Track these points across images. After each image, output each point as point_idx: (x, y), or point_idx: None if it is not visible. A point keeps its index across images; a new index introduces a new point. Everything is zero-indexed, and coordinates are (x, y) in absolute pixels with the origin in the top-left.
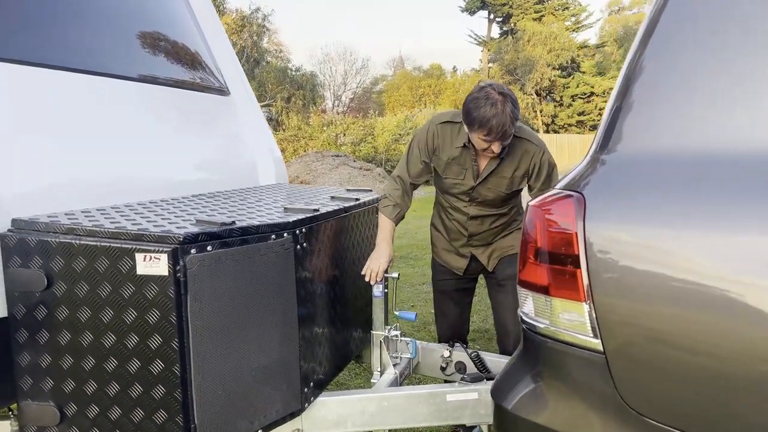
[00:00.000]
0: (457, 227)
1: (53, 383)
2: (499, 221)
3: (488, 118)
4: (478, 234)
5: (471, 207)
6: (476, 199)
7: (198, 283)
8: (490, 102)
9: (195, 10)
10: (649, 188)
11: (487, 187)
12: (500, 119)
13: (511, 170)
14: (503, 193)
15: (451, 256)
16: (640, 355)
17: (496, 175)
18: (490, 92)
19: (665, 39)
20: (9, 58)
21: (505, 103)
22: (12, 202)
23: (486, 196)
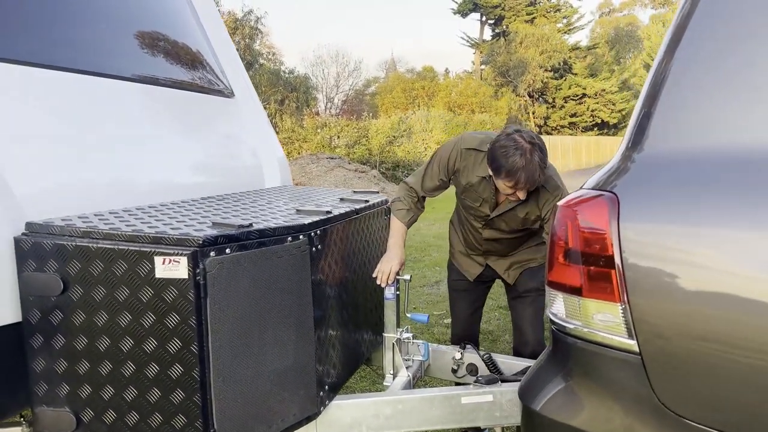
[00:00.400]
0: (473, 241)
1: (69, 389)
2: (515, 242)
3: (517, 169)
4: (493, 251)
5: (486, 230)
6: (491, 226)
7: (217, 286)
8: (519, 152)
9: (199, 12)
10: (684, 187)
11: (503, 220)
12: (529, 170)
13: (524, 212)
14: (518, 227)
15: (466, 260)
16: (677, 355)
17: (510, 212)
18: (519, 140)
19: (694, 40)
20: (12, 59)
21: (533, 152)
22: (25, 205)
23: (500, 225)
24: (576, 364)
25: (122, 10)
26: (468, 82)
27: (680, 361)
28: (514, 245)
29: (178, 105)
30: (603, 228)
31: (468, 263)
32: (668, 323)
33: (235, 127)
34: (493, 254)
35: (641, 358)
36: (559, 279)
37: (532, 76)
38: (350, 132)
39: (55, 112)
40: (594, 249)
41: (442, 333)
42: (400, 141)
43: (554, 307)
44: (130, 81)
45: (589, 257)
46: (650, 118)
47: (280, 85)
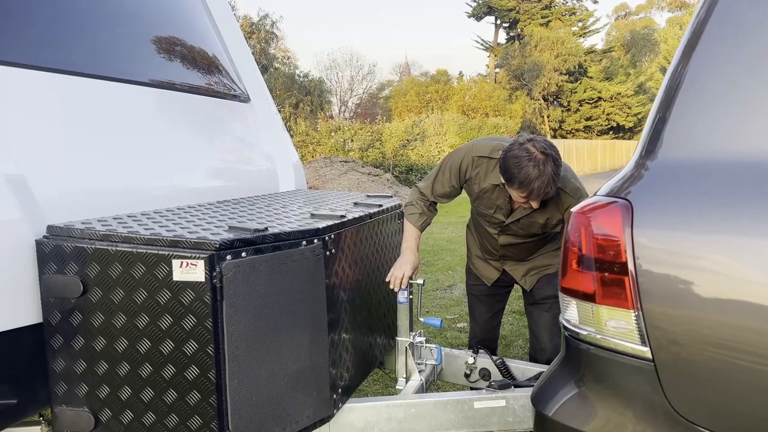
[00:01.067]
0: (489, 246)
1: (88, 389)
2: (532, 247)
3: (531, 180)
4: (510, 255)
5: (502, 236)
6: (507, 232)
7: (233, 289)
8: (533, 163)
9: (215, 17)
10: (698, 194)
11: (519, 226)
12: (542, 181)
13: (543, 217)
14: (535, 232)
15: (483, 265)
16: (690, 362)
17: (527, 218)
18: (532, 150)
19: (710, 47)
20: (35, 65)
21: (546, 163)
22: (46, 208)
23: (517, 231)
24: (589, 371)
25: (139, 16)
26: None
27: (693, 368)
28: (531, 250)
29: (195, 110)
30: (617, 235)
31: (485, 268)
32: (682, 330)
33: (250, 131)
34: (509, 259)
35: (654, 364)
36: (572, 285)
37: (547, 79)
38: (364, 135)
39: (75, 117)
40: (607, 255)
41: (455, 337)
42: (413, 144)
43: (567, 314)
44: (147, 86)
45: (602, 264)
46: (665, 124)
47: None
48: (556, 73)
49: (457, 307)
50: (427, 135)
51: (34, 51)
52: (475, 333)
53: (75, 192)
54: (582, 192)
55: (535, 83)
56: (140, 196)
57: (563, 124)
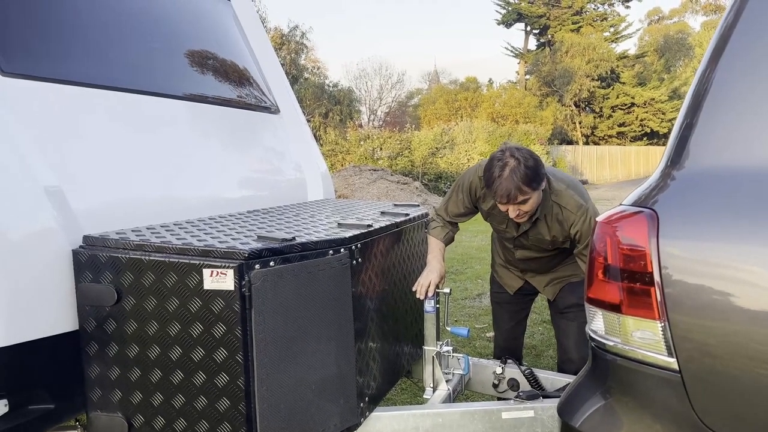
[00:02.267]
0: (510, 259)
1: (121, 395)
2: (551, 260)
3: (493, 179)
4: (530, 269)
5: (518, 251)
6: (522, 247)
7: (261, 298)
8: (499, 166)
9: (246, 31)
10: (725, 204)
11: (529, 241)
12: (505, 185)
13: (549, 234)
14: (547, 249)
15: (506, 273)
16: (718, 373)
17: (536, 236)
18: (505, 155)
19: (738, 53)
20: (74, 81)
21: (515, 170)
22: (82, 219)
23: (530, 246)
24: (615, 382)
25: (173, 31)
26: (512, 93)
27: (721, 379)
28: (550, 264)
29: (227, 122)
30: (642, 245)
31: (508, 276)
32: (709, 341)
33: (280, 142)
34: (530, 271)
35: (681, 376)
36: (598, 296)
37: (579, 85)
38: (393, 144)
39: (109, 131)
40: (633, 266)
41: (484, 347)
42: (442, 152)
43: (594, 324)
44: (181, 99)
45: (628, 274)
46: (692, 131)
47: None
48: (588, 78)
49: (486, 317)
50: (457, 143)
51: (74, 67)
52: (498, 341)
53: (110, 203)
54: (587, 209)
55: (566, 89)
56: (174, 206)
57: (596, 131)
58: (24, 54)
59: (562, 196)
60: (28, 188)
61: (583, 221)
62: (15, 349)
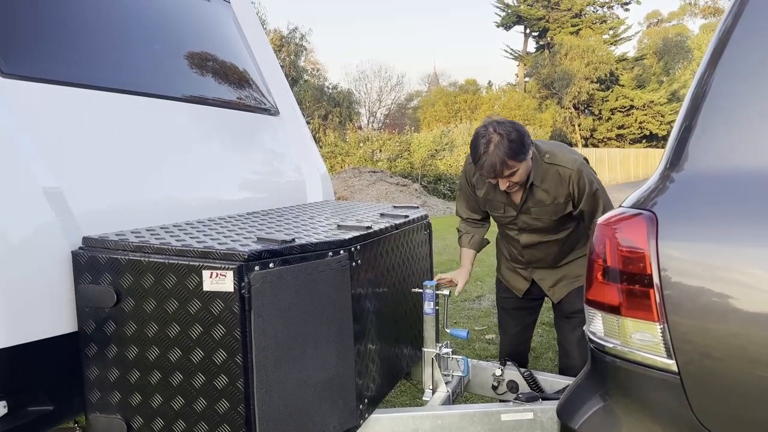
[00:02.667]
0: (515, 252)
1: (120, 396)
2: (556, 247)
3: (479, 157)
4: (536, 260)
5: (522, 235)
6: (525, 229)
7: (261, 299)
8: (484, 143)
9: (246, 33)
10: (723, 206)
11: (532, 217)
12: (490, 159)
13: (550, 198)
14: (551, 220)
15: (512, 276)
16: (717, 375)
17: (536, 204)
18: (489, 130)
19: (736, 57)
20: (74, 83)
21: (499, 145)
22: (81, 220)
23: (534, 224)
24: (614, 384)
25: (173, 33)
26: (511, 95)
27: (720, 381)
28: (558, 251)
29: (227, 124)
30: (642, 247)
31: (514, 278)
32: (708, 343)
33: (279, 144)
34: (537, 266)
35: (680, 378)
36: (597, 297)
37: (578, 87)
38: (392, 146)
39: (109, 132)
40: (633, 268)
41: (483, 348)
42: (442, 154)
43: (593, 326)
44: (181, 101)
45: (627, 276)
46: (691, 133)
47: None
48: (587, 81)
49: (485, 319)
50: (456, 145)
51: (74, 69)
52: (505, 347)
53: (110, 204)
54: (579, 161)
55: (565, 92)
56: (174, 207)
57: (595, 133)
58: (24, 55)
59: (555, 155)
60: (28, 190)
61: (578, 177)
62: (14, 351)
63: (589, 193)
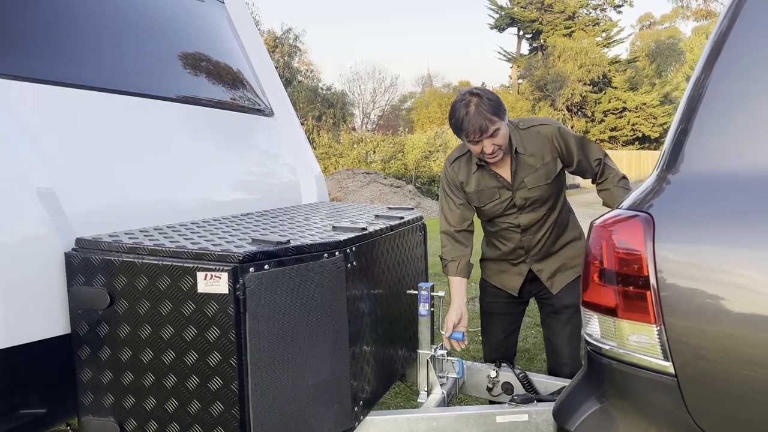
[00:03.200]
0: (514, 248)
1: (114, 399)
2: (551, 218)
3: (461, 119)
4: (536, 245)
5: (522, 216)
6: (524, 207)
7: (256, 301)
8: (463, 104)
9: (240, 34)
10: (719, 208)
11: (528, 189)
12: (475, 120)
13: (539, 160)
14: (546, 185)
15: (506, 276)
16: (714, 378)
17: (528, 173)
18: (465, 95)
19: (732, 60)
20: (66, 83)
21: (479, 104)
22: (75, 221)
23: (532, 196)
24: (611, 386)
25: (166, 33)
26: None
27: (717, 383)
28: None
29: (221, 124)
30: (638, 248)
31: (507, 278)
32: (705, 345)
33: (274, 145)
34: (536, 255)
35: (677, 380)
36: (594, 299)
37: (571, 89)
38: (386, 147)
39: (104, 133)
40: (629, 269)
41: (478, 350)
42: (435, 156)
43: (589, 328)
44: (174, 102)
45: (624, 278)
46: (687, 136)
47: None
48: (580, 83)
49: (478, 320)
50: (450, 146)
51: (67, 69)
52: (490, 353)
53: (104, 206)
54: (555, 120)
55: (558, 94)
56: (167, 209)
57: (587, 135)
58: (17, 55)
59: (529, 119)
60: (21, 191)
61: (557, 130)
62: (7, 353)
63: (577, 141)
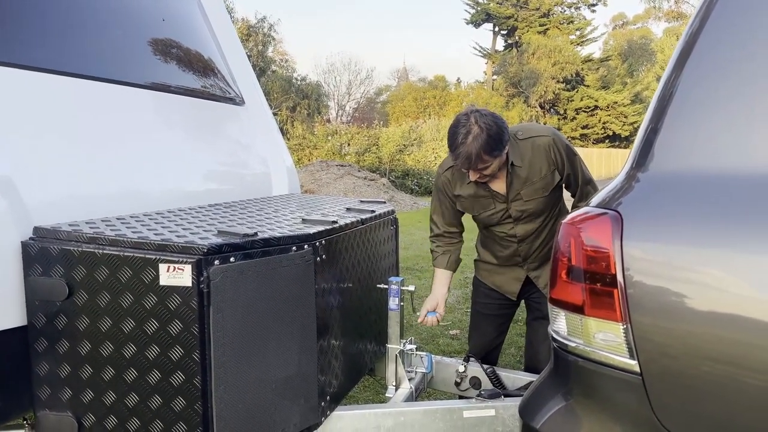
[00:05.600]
0: (511, 255)
1: (72, 393)
2: (548, 228)
3: (457, 144)
4: (532, 253)
5: (518, 227)
6: (519, 218)
7: (221, 295)
8: (464, 131)
9: (211, 20)
10: (689, 207)
11: (524, 201)
12: (467, 150)
13: (536, 173)
14: (543, 197)
15: (502, 279)
16: (679, 376)
17: (524, 185)
18: (470, 120)
19: (703, 58)
20: (26, 65)
21: (477, 137)
22: (33, 209)
23: (528, 208)
24: (577, 383)
25: (134, 18)
26: (479, 92)
27: (682, 382)
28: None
29: (189, 112)
30: (606, 246)
31: (505, 282)
32: (670, 343)
33: (244, 134)
34: (533, 263)
35: (642, 378)
36: (561, 296)
37: (544, 87)
38: (361, 140)
39: (66, 119)
40: (597, 267)
41: (447, 344)
42: (410, 149)
43: (556, 325)
44: (141, 88)
45: (591, 275)
46: (657, 135)
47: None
48: (553, 81)
49: (450, 314)
50: (424, 140)
51: (26, 51)
52: (479, 350)
53: (65, 194)
54: (551, 128)
55: (531, 90)
56: (133, 198)
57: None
58: None
59: (527, 129)
60: None
61: (553, 141)
62: None
63: (571, 156)
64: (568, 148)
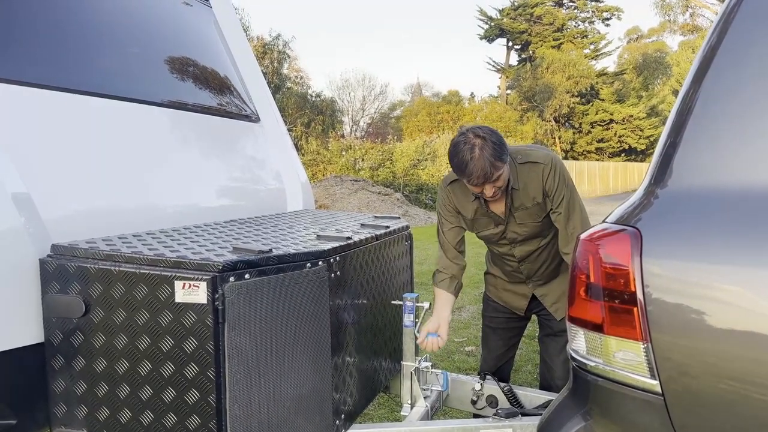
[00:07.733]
0: (514, 272)
1: (87, 411)
2: (547, 249)
3: (466, 163)
4: (536, 272)
5: (516, 248)
6: (516, 240)
7: (236, 312)
8: (468, 147)
9: (227, 38)
10: (707, 224)
11: (519, 224)
12: (479, 164)
13: (530, 199)
14: (537, 223)
15: (510, 295)
16: (701, 396)
17: (520, 209)
18: (468, 136)
19: (721, 73)
20: (45, 85)
21: (484, 147)
22: (51, 227)
23: (523, 233)
24: (596, 403)
25: (152, 37)
26: (493, 107)
27: (704, 402)
28: (553, 255)
29: (206, 130)
30: (625, 264)
31: (512, 298)
32: (692, 363)
33: (260, 151)
34: (537, 278)
35: (663, 398)
36: (580, 314)
37: (559, 101)
38: (375, 155)
39: (83, 137)
40: (616, 285)
41: (463, 361)
42: (424, 164)
43: (575, 344)
44: (158, 106)
45: (610, 293)
46: (675, 150)
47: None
48: (568, 95)
49: (465, 330)
50: (438, 155)
51: (47, 70)
52: (489, 365)
53: (82, 211)
54: (552, 156)
55: (546, 105)
56: (149, 215)
57: (575, 146)
58: None
59: (527, 153)
60: None
61: (550, 171)
62: None
63: (564, 190)
64: (563, 178)
